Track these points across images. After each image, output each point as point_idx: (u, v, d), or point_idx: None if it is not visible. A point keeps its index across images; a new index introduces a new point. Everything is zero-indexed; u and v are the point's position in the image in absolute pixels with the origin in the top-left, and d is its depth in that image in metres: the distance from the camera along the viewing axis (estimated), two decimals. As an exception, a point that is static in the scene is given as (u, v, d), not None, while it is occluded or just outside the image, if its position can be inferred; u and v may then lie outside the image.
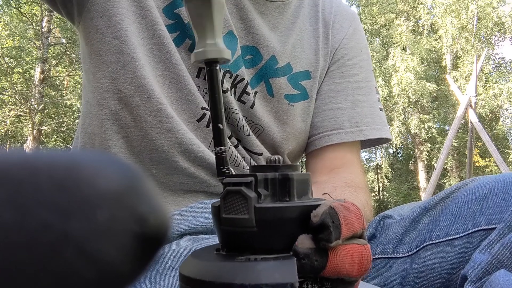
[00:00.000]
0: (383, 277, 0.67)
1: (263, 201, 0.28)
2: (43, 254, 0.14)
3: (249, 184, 0.28)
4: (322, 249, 0.27)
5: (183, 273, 0.27)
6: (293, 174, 0.29)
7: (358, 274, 0.28)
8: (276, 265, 0.25)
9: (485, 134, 6.28)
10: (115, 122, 0.69)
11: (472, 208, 0.61)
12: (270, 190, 0.28)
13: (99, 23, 0.68)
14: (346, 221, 0.27)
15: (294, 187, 0.29)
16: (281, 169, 0.29)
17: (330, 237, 0.26)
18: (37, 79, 10.20)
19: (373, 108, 0.83)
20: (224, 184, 0.29)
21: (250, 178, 0.28)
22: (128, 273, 0.16)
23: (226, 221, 0.28)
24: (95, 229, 0.15)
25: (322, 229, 0.27)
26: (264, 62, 0.76)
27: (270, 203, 0.28)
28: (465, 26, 13.47)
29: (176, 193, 0.71)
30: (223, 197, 0.29)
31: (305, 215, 0.27)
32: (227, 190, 0.28)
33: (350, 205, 0.29)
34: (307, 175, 0.30)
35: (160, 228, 0.17)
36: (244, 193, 0.27)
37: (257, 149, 0.76)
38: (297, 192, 0.29)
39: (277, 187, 0.28)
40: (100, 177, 0.15)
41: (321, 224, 0.27)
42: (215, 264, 0.27)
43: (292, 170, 0.29)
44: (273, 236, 0.27)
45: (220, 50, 0.34)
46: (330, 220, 0.27)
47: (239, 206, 0.28)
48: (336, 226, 0.27)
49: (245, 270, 0.25)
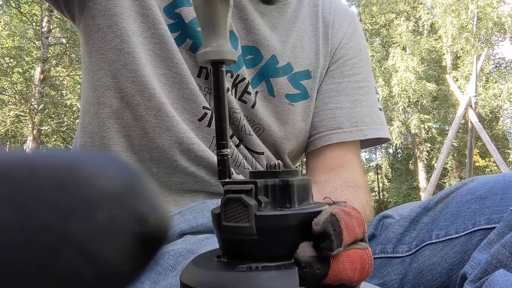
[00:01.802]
0: (382, 277, 0.67)
1: (264, 208, 0.28)
2: (43, 254, 0.14)
3: (249, 191, 0.28)
4: (324, 257, 0.27)
5: (184, 282, 0.27)
6: (293, 180, 0.28)
7: (359, 279, 0.28)
8: (277, 275, 0.25)
9: (485, 134, 6.28)
10: (116, 120, 0.69)
11: (472, 208, 0.61)
12: (270, 197, 0.28)
13: (101, 22, 0.68)
14: (347, 227, 0.27)
15: (294, 193, 0.28)
16: (281, 174, 0.29)
17: (332, 245, 0.26)
18: (37, 79, 10.20)
19: (373, 108, 0.84)
20: (225, 192, 0.29)
21: (250, 186, 0.28)
22: (128, 273, 0.16)
23: (227, 229, 0.28)
24: (95, 229, 0.15)
25: (324, 237, 0.26)
26: (265, 62, 0.77)
27: (270, 210, 0.28)
28: (465, 26, 13.47)
29: (177, 193, 0.71)
30: (223, 204, 0.28)
31: (306, 222, 0.27)
32: (227, 198, 0.28)
33: (351, 209, 0.29)
34: (307, 180, 0.30)
35: (160, 228, 0.17)
36: (244, 201, 0.27)
37: (258, 149, 0.76)
38: (298, 198, 0.29)
39: (278, 193, 0.28)
40: (100, 177, 0.15)
41: (322, 232, 0.26)
42: (216, 274, 0.27)
43: (292, 175, 0.29)
44: (274, 244, 0.27)
45: (227, 51, 0.34)
46: (331, 228, 0.26)
47: (240, 214, 0.27)
48: (338, 233, 0.26)
49: (246, 280, 0.25)
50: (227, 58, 0.34)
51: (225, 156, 0.33)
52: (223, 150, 0.33)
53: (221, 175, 0.33)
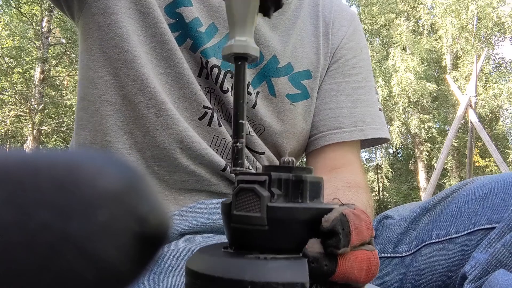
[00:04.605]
0: (382, 277, 0.67)
1: (276, 200, 0.28)
2: (43, 254, 0.14)
3: (263, 183, 0.28)
4: (332, 254, 0.27)
5: (190, 268, 0.27)
6: (306, 176, 0.29)
7: (365, 280, 0.28)
8: (287, 264, 0.25)
9: (485, 134, 6.28)
10: (119, 118, 0.69)
11: (472, 208, 0.61)
12: (283, 191, 0.28)
13: (100, 20, 0.68)
14: (356, 229, 0.27)
15: (307, 189, 0.28)
16: (295, 170, 0.29)
17: (339, 244, 0.26)
18: (37, 79, 10.20)
19: (373, 108, 0.84)
20: (238, 181, 0.29)
21: (264, 177, 0.28)
22: (128, 273, 0.16)
23: (237, 218, 0.28)
24: (95, 229, 0.15)
25: (332, 235, 0.27)
26: (266, 62, 0.77)
27: (282, 203, 0.28)
28: (465, 26, 13.47)
29: (177, 191, 0.71)
30: (236, 193, 0.28)
31: (316, 218, 0.27)
32: (240, 187, 0.28)
33: (360, 212, 0.29)
34: (320, 178, 0.30)
35: (160, 228, 0.17)
36: (257, 191, 0.27)
37: (259, 148, 0.76)
38: (310, 195, 0.29)
39: (290, 188, 0.28)
40: (100, 177, 0.15)
41: (331, 230, 0.27)
42: (224, 260, 0.26)
43: (306, 172, 0.29)
44: (283, 236, 0.27)
45: (251, 47, 0.34)
46: (340, 227, 0.27)
47: (252, 204, 0.27)
48: (346, 233, 0.27)
49: (255, 267, 0.25)
50: (251, 53, 0.34)
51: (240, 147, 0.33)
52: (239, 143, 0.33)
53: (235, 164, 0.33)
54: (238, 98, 0.34)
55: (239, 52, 0.34)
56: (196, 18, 0.71)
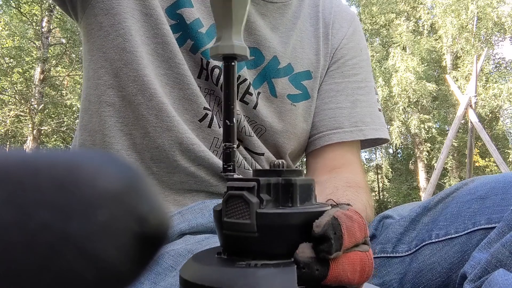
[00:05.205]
0: (382, 276, 0.67)
1: (265, 206, 0.27)
2: (43, 254, 0.14)
3: (252, 189, 0.28)
4: (323, 259, 0.27)
5: (183, 277, 0.27)
6: (296, 180, 0.28)
7: (360, 281, 0.28)
8: (275, 273, 0.25)
9: (485, 134, 6.28)
10: (118, 119, 0.69)
11: (472, 208, 0.61)
12: (272, 195, 0.28)
13: (103, 21, 0.68)
14: (348, 232, 0.27)
15: (297, 192, 0.28)
16: (284, 174, 0.29)
17: (331, 249, 0.26)
18: (37, 79, 10.20)
19: (373, 108, 0.84)
20: (227, 188, 0.29)
21: (252, 183, 0.28)
22: (128, 273, 0.16)
23: (228, 225, 0.28)
24: (95, 229, 0.15)
25: (323, 240, 0.26)
26: (267, 63, 0.77)
27: (272, 208, 0.28)
28: (465, 26, 13.46)
29: (177, 192, 0.71)
30: (225, 201, 0.28)
31: (307, 222, 0.27)
32: (229, 194, 0.28)
33: (353, 213, 0.28)
34: (310, 180, 0.30)
35: (160, 228, 0.17)
36: (246, 198, 0.27)
37: (259, 150, 0.76)
38: (300, 198, 0.28)
39: (280, 192, 0.28)
40: (100, 177, 0.15)
41: (322, 235, 0.26)
42: (215, 269, 0.27)
43: (296, 175, 0.29)
44: (274, 242, 0.27)
45: (239, 46, 0.33)
46: (332, 231, 0.26)
47: (241, 210, 0.27)
48: (338, 237, 0.26)
49: (245, 276, 0.25)
50: (239, 53, 0.33)
51: (231, 151, 0.33)
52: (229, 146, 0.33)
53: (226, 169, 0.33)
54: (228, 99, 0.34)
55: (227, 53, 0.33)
56: (197, 19, 0.71)
